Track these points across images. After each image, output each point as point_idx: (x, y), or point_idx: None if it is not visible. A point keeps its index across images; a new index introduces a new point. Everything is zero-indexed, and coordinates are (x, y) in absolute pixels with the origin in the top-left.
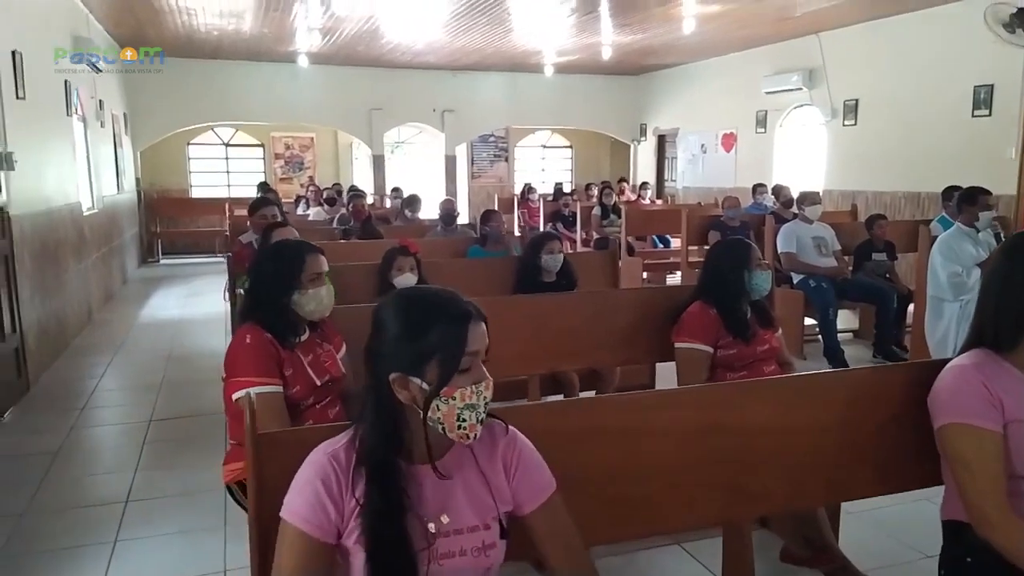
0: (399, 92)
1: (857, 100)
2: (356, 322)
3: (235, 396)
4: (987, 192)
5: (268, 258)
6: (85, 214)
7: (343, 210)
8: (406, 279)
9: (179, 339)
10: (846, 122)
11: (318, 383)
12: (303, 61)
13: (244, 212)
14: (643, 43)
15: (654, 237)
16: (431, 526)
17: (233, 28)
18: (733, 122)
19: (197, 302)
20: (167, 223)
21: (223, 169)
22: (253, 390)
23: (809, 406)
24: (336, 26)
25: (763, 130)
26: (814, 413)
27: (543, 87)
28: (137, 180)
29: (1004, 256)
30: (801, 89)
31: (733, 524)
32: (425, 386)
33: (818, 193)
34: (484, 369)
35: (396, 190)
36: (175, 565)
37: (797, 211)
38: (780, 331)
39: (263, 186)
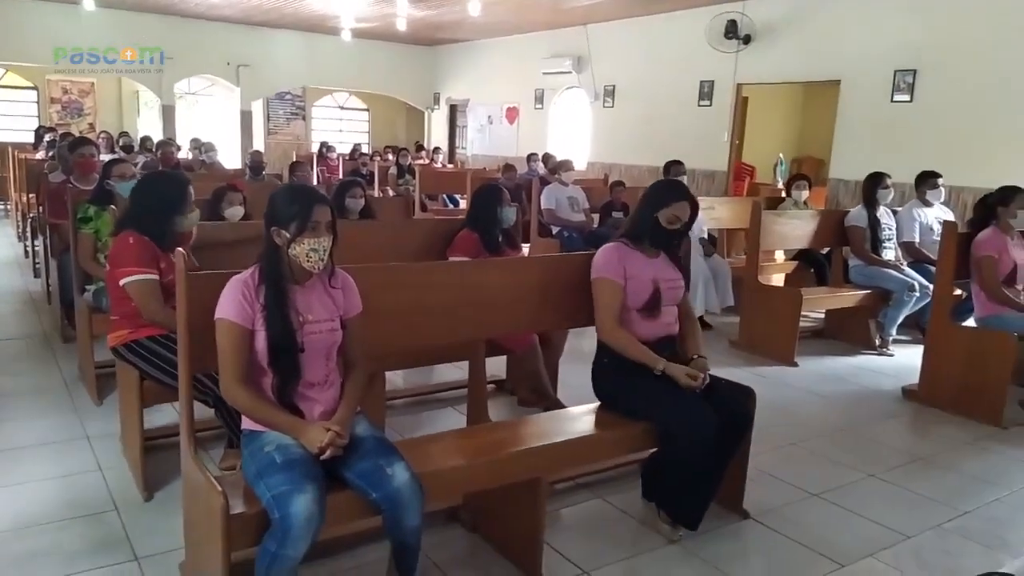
0: (192, 42)
1: (615, 86)
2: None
3: (122, 282)
4: (679, 163)
5: (160, 184)
6: None
7: (140, 157)
8: (235, 211)
9: None
10: (606, 104)
11: None
12: (88, 4)
13: (32, 156)
14: (435, 18)
15: (444, 196)
16: (301, 317)
17: None
18: (516, 97)
19: None
20: None
21: None
22: (139, 277)
23: (523, 276)
24: None
25: (540, 106)
26: (525, 279)
27: (341, 50)
28: None
29: (647, 190)
30: (571, 72)
31: (477, 344)
32: (287, 235)
33: (571, 161)
34: (325, 231)
35: (195, 140)
36: (42, 437)
37: (555, 175)
38: (523, 251)
39: (45, 130)
